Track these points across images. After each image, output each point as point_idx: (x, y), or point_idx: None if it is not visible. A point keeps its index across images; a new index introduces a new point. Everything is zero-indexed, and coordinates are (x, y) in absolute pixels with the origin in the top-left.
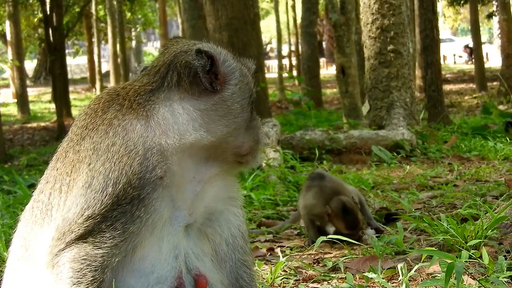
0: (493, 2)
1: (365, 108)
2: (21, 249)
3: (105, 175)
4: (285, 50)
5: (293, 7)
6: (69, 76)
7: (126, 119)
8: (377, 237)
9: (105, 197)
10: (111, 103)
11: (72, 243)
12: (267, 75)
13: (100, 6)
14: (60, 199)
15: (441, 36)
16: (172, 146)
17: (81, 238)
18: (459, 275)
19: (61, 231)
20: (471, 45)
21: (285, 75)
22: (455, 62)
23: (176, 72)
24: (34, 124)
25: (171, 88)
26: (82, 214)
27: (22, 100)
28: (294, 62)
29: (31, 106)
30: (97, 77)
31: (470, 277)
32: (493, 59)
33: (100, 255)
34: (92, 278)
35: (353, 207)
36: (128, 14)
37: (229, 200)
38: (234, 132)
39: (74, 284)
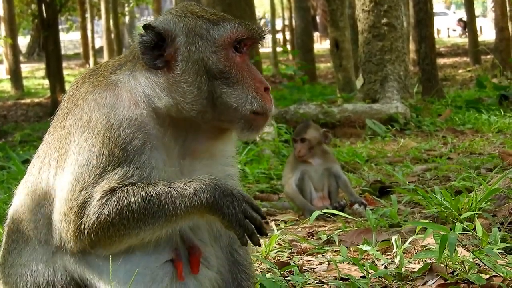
0: None
1: (359, 82)
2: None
3: (89, 150)
4: (278, 25)
5: None
6: (63, 52)
7: (96, 92)
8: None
9: (92, 168)
10: (89, 75)
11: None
12: (261, 50)
13: None
14: (49, 173)
15: (435, 10)
16: (145, 113)
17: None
18: (452, 247)
19: (62, 212)
20: (464, 18)
21: (280, 49)
22: (449, 36)
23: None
24: (28, 100)
25: (134, 62)
26: (75, 190)
27: (15, 76)
28: (288, 36)
29: (25, 82)
30: (91, 52)
31: (464, 249)
32: (487, 32)
33: None
34: None
35: (312, 123)
36: None
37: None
38: (198, 104)
39: None
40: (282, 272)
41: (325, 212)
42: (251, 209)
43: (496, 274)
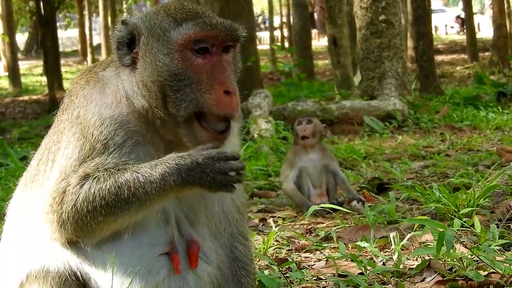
0: None
1: (357, 79)
2: (14, 211)
3: (74, 144)
4: (276, 22)
5: None
6: (61, 49)
7: (86, 88)
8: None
9: (73, 161)
10: (87, 71)
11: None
12: (259, 47)
13: None
14: (47, 165)
15: (433, 7)
16: (125, 113)
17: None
18: (450, 244)
19: (48, 203)
20: (462, 15)
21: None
22: (446, 33)
23: None
24: (26, 97)
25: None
26: (58, 181)
27: (13, 73)
28: (285, 33)
29: (23, 79)
30: (89, 50)
31: (462, 246)
32: (485, 29)
33: None
34: None
35: (313, 118)
36: None
37: None
38: (160, 110)
39: None
40: (280, 269)
41: (322, 207)
42: (226, 161)
43: (494, 270)
